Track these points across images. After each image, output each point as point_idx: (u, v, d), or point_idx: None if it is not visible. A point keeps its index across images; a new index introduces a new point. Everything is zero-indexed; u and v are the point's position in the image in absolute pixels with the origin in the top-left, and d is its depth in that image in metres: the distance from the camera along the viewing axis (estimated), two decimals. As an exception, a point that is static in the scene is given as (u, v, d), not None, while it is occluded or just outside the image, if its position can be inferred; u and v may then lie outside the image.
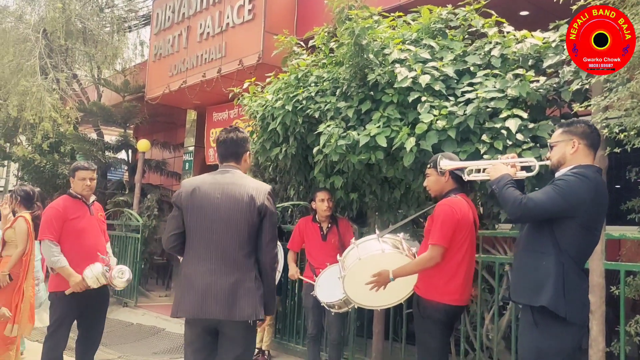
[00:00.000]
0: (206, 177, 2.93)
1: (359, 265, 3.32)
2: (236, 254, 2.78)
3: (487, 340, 4.32)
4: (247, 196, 2.80)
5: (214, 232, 2.77)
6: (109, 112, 10.57)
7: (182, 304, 2.76)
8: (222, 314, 2.71)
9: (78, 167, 4.23)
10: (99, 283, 3.94)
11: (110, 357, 5.62)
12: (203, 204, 2.79)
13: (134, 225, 8.84)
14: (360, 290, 3.39)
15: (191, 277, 2.76)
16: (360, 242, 3.45)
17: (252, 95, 5.21)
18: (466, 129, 3.76)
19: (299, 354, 5.64)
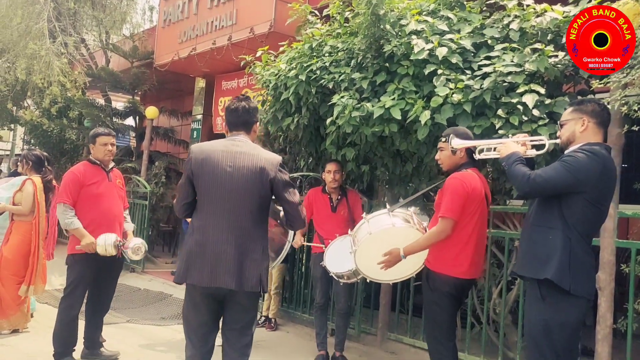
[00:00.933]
0: (216, 145, 2.87)
1: (370, 240, 3.34)
2: (246, 224, 2.79)
3: (494, 314, 4.36)
4: (259, 167, 2.78)
5: (225, 202, 2.76)
6: (117, 77, 10.52)
7: (192, 271, 2.75)
8: (232, 284, 2.73)
9: (99, 132, 4.23)
10: (107, 253, 3.98)
11: (119, 320, 5.70)
12: (214, 173, 2.77)
13: (141, 192, 8.88)
14: (372, 264, 3.40)
15: (201, 245, 2.76)
16: (371, 216, 3.45)
17: (264, 64, 5.16)
18: (482, 104, 3.73)
19: (305, 323, 5.71)
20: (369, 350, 5.02)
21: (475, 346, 4.43)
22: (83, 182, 4.06)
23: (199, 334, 2.85)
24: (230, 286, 2.72)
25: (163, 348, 4.85)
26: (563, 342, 2.63)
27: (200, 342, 2.84)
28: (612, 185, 2.74)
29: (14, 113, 12.88)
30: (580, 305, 2.64)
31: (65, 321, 4.06)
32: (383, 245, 3.31)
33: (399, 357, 4.84)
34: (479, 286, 4.47)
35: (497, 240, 4.41)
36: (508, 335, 4.29)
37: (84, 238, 3.97)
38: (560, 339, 2.63)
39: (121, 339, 4.89)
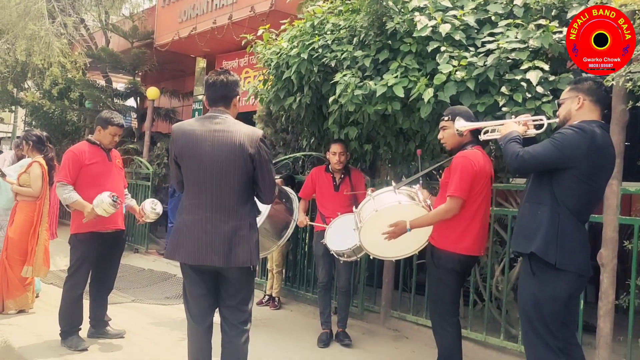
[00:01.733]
0: (195, 124, 2.83)
1: (375, 217, 3.33)
2: (231, 202, 2.79)
3: (497, 291, 4.39)
4: (239, 144, 2.76)
5: (207, 181, 2.77)
6: (117, 58, 10.46)
7: (180, 249, 2.80)
8: (219, 262, 2.75)
9: (113, 122, 4.20)
10: (107, 212, 3.94)
11: (124, 300, 5.75)
12: (195, 153, 2.76)
13: (143, 173, 8.88)
14: (376, 241, 3.42)
15: (188, 224, 2.79)
16: (376, 194, 3.44)
17: (266, 43, 5.11)
18: (485, 81, 3.70)
19: (308, 301, 5.76)
20: (372, 327, 5.07)
21: (478, 323, 4.47)
22: (83, 162, 4.06)
23: (198, 308, 2.89)
24: (218, 264, 2.76)
25: (168, 326, 4.90)
26: (554, 315, 2.68)
27: (200, 317, 2.89)
28: (604, 162, 2.74)
29: (15, 95, 12.85)
30: (569, 279, 2.68)
31: (70, 300, 4.10)
32: (388, 223, 3.32)
33: (401, 334, 4.88)
34: (482, 264, 4.49)
35: (499, 218, 4.42)
36: (510, 312, 4.32)
37: (84, 208, 3.98)
38: (551, 313, 2.68)
39: (127, 318, 4.94)
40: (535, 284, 2.71)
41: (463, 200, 3.23)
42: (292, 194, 4.76)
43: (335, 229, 4.38)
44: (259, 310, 5.55)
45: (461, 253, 3.29)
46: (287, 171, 6.10)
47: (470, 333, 4.27)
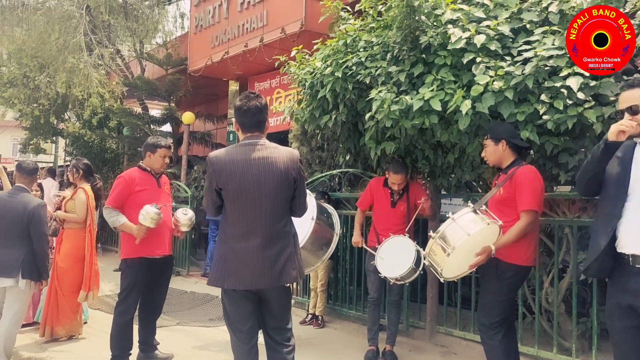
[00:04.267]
0: (235, 153, 2.85)
1: (467, 242, 3.23)
2: (278, 226, 2.86)
3: (547, 303, 4.28)
4: (284, 169, 2.84)
5: (256, 210, 2.80)
6: (153, 85, 10.73)
7: (230, 277, 2.81)
8: (271, 283, 2.81)
9: (161, 145, 4.31)
10: (154, 222, 4.01)
11: (169, 323, 5.81)
12: (242, 184, 2.79)
13: (182, 196, 9.03)
14: (454, 266, 3.36)
15: (237, 252, 2.82)
16: (457, 216, 3.32)
17: (299, 63, 5.17)
18: (524, 89, 3.66)
19: (351, 319, 5.72)
20: (418, 344, 5.00)
21: (528, 337, 4.36)
22: (132, 188, 4.15)
23: (244, 329, 2.90)
24: (270, 285, 2.82)
25: (215, 348, 4.93)
26: None
27: (247, 337, 2.90)
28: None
29: (56, 126, 13.29)
30: None
31: (121, 325, 4.16)
32: (471, 244, 3.26)
33: (449, 350, 4.79)
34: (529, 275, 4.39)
35: (544, 228, 4.32)
36: (562, 325, 4.21)
37: (132, 230, 4.06)
38: None
39: (173, 341, 4.99)
40: None
41: (538, 213, 3.34)
42: (331, 209, 4.77)
43: (385, 251, 4.35)
44: (302, 329, 5.54)
45: (527, 265, 3.43)
46: (324, 189, 6.12)
47: (521, 347, 4.16)
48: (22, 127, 13.98)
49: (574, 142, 3.84)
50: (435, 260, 3.38)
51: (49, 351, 4.73)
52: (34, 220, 4.34)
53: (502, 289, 3.45)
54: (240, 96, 2.98)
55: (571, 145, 3.82)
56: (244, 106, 2.91)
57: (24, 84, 10.96)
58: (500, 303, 3.46)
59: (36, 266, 4.34)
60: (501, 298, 3.45)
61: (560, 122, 3.54)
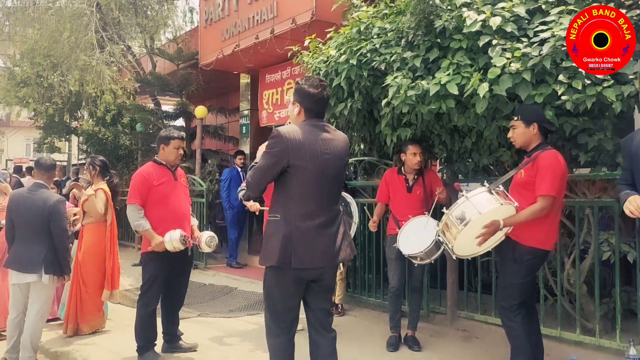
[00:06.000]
0: (309, 133, 2.83)
1: (480, 220, 3.26)
2: (336, 205, 2.95)
3: (568, 285, 4.27)
4: (345, 152, 2.96)
5: (323, 188, 2.84)
6: (164, 80, 10.76)
7: (297, 256, 2.77)
8: (333, 262, 2.87)
9: (174, 136, 4.34)
10: (175, 249, 4.10)
11: (190, 315, 5.87)
12: (315, 161, 2.79)
13: (197, 190, 9.08)
14: (464, 242, 3.40)
15: (303, 231, 2.79)
16: (471, 195, 3.34)
17: (312, 53, 5.17)
18: (541, 70, 3.63)
19: (371, 306, 5.75)
20: (440, 329, 5.01)
21: (550, 319, 4.36)
22: (151, 183, 4.18)
23: (288, 319, 2.91)
24: (331, 263, 2.86)
25: (237, 338, 4.98)
26: None
27: (288, 327, 2.90)
28: None
29: (69, 124, 13.39)
30: None
31: (145, 317, 4.22)
32: (483, 224, 3.30)
33: (471, 334, 4.80)
34: (550, 257, 4.38)
35: (565, 210, 4.30)
36: (584, 306, 4.20)
37: (153, 239, 4.11)
38: None
39: (195, 333, 5.04)
40: None
41: (555, 198, 3.32)
42: (349, 197, 4.78)
43: (407, 232, 4.36)
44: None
45: (545, 249, 3.44)
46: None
47: (544, 329, 4.16)
48: (37, 127, 14.11)
49: (593, 122, 3.81)
50: (447, 237, 3.43)
51: (75, 344, 4.80)
52: (54, 215, 4.39)
53: (520, 272, 3.47)
54: (310, 81, 2.94)
55: (590, 125, 3.80)
56: (319, 94, 2.91)
57: (38, 83, 11.02)
58: (519, 286, 3.48)
59: (58, 261, 4.40)
60: (520, 281, 3.47)
61: (579, 102, 3.51)
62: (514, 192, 3.48)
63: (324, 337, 2.93)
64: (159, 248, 4.09)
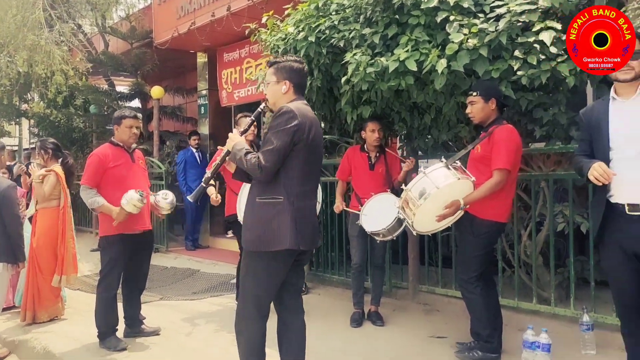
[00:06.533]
0: (309, 112, 2.84)
1: (437, 195, 3.29)
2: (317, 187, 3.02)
3: (525, 256, 4.39)
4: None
5: (319, 166, 3.02)
6: (118, 60, 10.44)
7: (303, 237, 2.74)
8: (315, 243, 2.94)
9: (125, 115, 4.24)
10: (137, 208, 3.99)
11: (152, 299, 5.79)
12: (316, 140, 2.84)
13: (156, 172, 8.91)
14: (424, 219, 3.44)
15: (305, 211, 2.79)
16: (429, 171, 3.36)
17: (270, 30, 5.09)
18: (498, 46, 3.67)
19: (334, 284, 5.79)
20: (402, 304, 5.10)
21: (508, 289, 4.48)
22: (106, 165, 4.08)
23: (268, 302, 2.87)
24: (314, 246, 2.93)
25: (201, 320, 4.95)
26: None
27: (267, 311, 2.87)
28: None
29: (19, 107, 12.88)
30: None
31: (105, 302, 4.14)
32: (442, 198, 3.34)
33: (432, 307, 4.91)
34: (507, 230, 4.49)
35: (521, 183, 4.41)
36: (540, 276, 4.33)
37: (112, 212, 4.02)
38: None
39: (158, 316, 4.98)
40: None
41: (509, 172, 3.40)
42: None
43: (369, 209, 4.39)
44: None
45: (502, 221, 3.53)
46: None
47: (502, 300, 4.27)
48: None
49: (548, 96, 3.89)
50: (407, 213, 3.46)
51: (33, 332, 4.68)
52: (5, 202, 4.24)
53: (478, 244, 3.57)
54: (290, 58, 2.94)
55: (545, 100, 3.88)
56: (304, 68, 2.94)
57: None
58: (477, 258, 3.58)
59: (11, 249, 4.26)
60: (477, 253, 3.57)
61: (534, 78, 3.58)
62: (471, 167, 3.55)
63: (296, 318, 2.95)
64: (122, 217, 3.99)
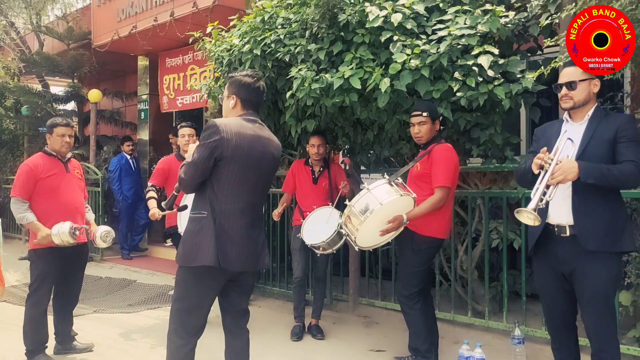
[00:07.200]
0: (244, 127, 2.72)
1: (380, 210, 3.33)
2: (260, 208, 2.90)
3: (462, 270, 4.53)
4: (277, 152, 2.89)
5: (252, 186, 2.75)
6: (53, 61, 10.02)
7: (225, 255, 2.66)
8: (257, 266, 2.82)
9: (57, 123, 4.08)
10: (64, 242, 3.83)
11: (85, 312, 5.57)
12: (248, 157, 2.69)
13: (92, 178, 8.61)
14: (367, 234, 3.48)
15: (230, 230, 2.68)
16: (372, 186, 3.40)
17: (215, 40, 5.04)
18: (439, 67, 3.79)
19: (275, 296, 5.77)
20: (342, 316, 5.14)
21: (445, 302, 4.61)
22: (38, 175, 3.91)
23: (198, 323, 2.79)
24: (254, 267, 2.81)
25: (137, 334, 4.80)
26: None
27: (195, 331, 2.79)
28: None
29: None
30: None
31: (34, 318, 3.95)
32: (385, 215, 3.39)
33: (372, 320, 4.97)
34: (444, 245, 4.62)
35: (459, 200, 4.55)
36: (475, 290, 4.48)
37: (39, 232, 3.84)
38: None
39: (91, 331, 4.80)
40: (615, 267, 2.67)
41: (450, 189, 3.51)
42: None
43: (310, 223, 4.41)
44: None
45: (441, 237, 3.63)
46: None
47: (439, 313, 4.39)
48: None
49: (485, 117, 4.04)
50: (349, 228, 3.49)
51: (-47, 350, 4.40)
52: None
53: (419, 261, 3.65)
54: (243, 72, 2.87)
55: (483, 120, 4.03)
56: (254, 84, 2.84)
57: None
58: (417, 274, 3.66)
59: None
60: (418, 269, 3.66)
61: (472, 99, 3.72)
62: (411, 183, 3.64)
63: (239, 339, 2.91)
64: (46, 241, 3.82)
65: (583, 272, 2.67)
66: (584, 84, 2.75)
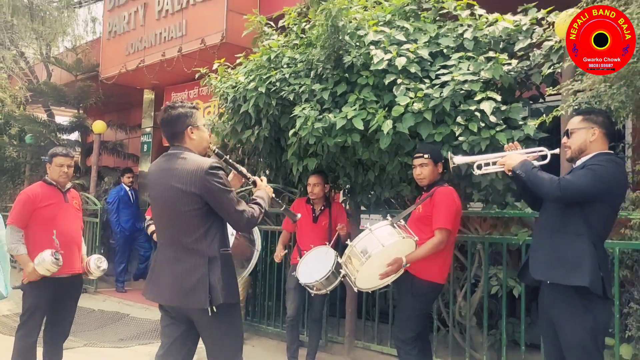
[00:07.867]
0: (156, 163, 2.88)
1: (382, 252, 3.30)
2: (187, 240, 2.69)
3: (460, 316, 4.45)
4: (182, 183, 2.66)
5: (164, 221, 2.80)
6: (60, 91, 10.14)
7: (148, 288, 2.82)
8: (177, 301, 2.69)
9: (57, 153, 4.08)
10: (50, 271, 3.76)
11: (75, 345, 5.47)
12: (154, 193, 2.84)
13: (91, 209, 8.58)
14: (367, 276, 3.43)
15: (155, 263, 2.84)
16: (374, 227, 3.39)
17: (221, 76, 5.10)
18: (441, 111, 3.83)
19: (270, 335, 5.66)
20: (337, 359, 5.03)
21: (442, 349, 4.51)
22: (36, 204, 3.89)
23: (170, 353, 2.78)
24: (174, 303, 2.72)
25: (126, 371, 4.70)
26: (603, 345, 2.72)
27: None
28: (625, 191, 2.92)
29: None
30: (611, 305, 2.83)
31: (23, 350, 3.86)
32: (386, 256, 3.36)
33: (367, 364, 4.87)
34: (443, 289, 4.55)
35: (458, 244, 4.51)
36: (473, 337, 4.39)
37: (26, 267, 3.80)
38: (603, 343, 2.71)
39: (81, 365, 4.71)
40: (590, 318, 2.62)
41: (450, 232, 3.48)
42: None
43: (306, 261, 4.37)
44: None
45: (440, 282, 3.58)
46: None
47: (435, 359, 4.31)
48: None
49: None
50: (350, 268, 3.46)
51: (-62, 380, 4.31)
52: None
53: (417, 305, 3.59)
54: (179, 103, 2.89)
55: (483, 165, 4.02)
56: (161, 117, 2.87)
57: None
58: (416, 318, 3.60)
59: None
60: (416, 314, 3.60)
61: (474, 144, 3.73)
62: (412, 226, 3.61)
63: None
64: (34, 277, 3.77)
65: (559, 322, 2.70)
66: (580, 132, 2.77)
